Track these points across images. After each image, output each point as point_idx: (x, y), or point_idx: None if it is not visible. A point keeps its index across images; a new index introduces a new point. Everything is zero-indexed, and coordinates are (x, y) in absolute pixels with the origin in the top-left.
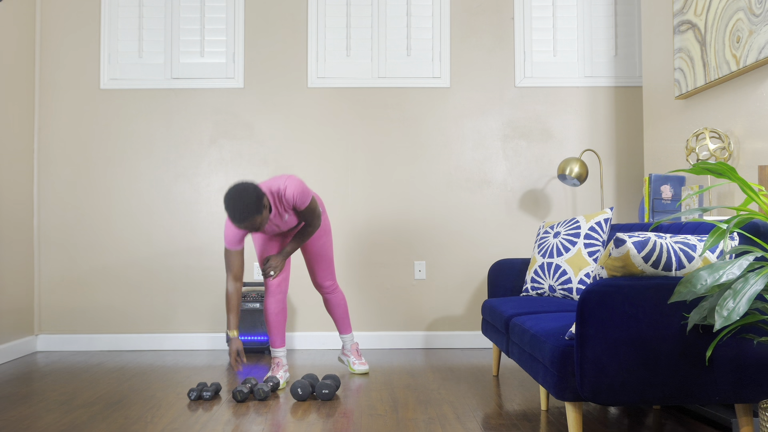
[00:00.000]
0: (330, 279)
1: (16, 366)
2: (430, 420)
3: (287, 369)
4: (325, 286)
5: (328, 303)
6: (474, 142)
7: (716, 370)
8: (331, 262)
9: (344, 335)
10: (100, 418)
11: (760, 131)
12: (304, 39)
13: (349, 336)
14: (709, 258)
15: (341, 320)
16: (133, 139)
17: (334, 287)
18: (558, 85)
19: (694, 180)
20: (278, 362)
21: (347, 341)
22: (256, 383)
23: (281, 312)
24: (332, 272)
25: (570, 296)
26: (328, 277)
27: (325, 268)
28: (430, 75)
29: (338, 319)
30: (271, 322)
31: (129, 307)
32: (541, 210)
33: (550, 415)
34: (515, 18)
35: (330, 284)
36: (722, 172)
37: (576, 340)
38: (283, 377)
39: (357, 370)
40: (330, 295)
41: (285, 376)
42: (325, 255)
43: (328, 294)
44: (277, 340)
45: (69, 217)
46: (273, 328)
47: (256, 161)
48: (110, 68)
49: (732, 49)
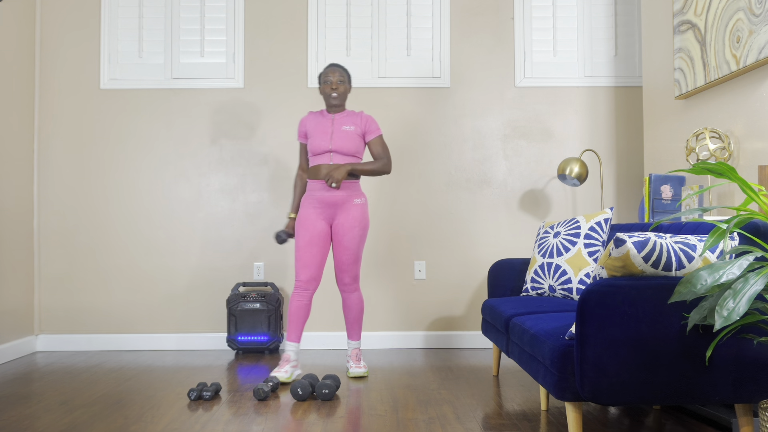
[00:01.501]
0: (350, 276)
1: (16, 366)
2: (430, 420)
3: (296, 365)
4: (344, 281)
5: (344, 303)
6: (474, 142)
7: (716, 370)
8: (357, 260)
9: (349, 341)
10: (99, 418)
11: (760, 131)
12: (304, 39)
13: (354, 343)
14: (709, 258)
15: (350, 324)
16: (133, 139)
17: (353, 287)
18: (558, 85)
19: (694, 180)
20: (286, 358)
21: (350, 347)
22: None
23: (303, 308)
24: (355, 270)
25: (570, 296)
26: (348, 272)
27: (348, 263)
28: (430, 75)
29: (348, 322)
30: (290, 315)
31: (129, 307)
32: (541, 210)
33: (550, 415)
34: (515, 18)
35: (350, 282)
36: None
37: (576, 340)
38: (288, 372)
39: (350, 373)
40: (346, 294)
41: (291, 372)
42: (351, 249)
43: (345, 293)
44: (291, 334)
45: (69, 217)
46: (291, 322)
47: (256, 161)
48: (110, 68)
49: (732, 49)
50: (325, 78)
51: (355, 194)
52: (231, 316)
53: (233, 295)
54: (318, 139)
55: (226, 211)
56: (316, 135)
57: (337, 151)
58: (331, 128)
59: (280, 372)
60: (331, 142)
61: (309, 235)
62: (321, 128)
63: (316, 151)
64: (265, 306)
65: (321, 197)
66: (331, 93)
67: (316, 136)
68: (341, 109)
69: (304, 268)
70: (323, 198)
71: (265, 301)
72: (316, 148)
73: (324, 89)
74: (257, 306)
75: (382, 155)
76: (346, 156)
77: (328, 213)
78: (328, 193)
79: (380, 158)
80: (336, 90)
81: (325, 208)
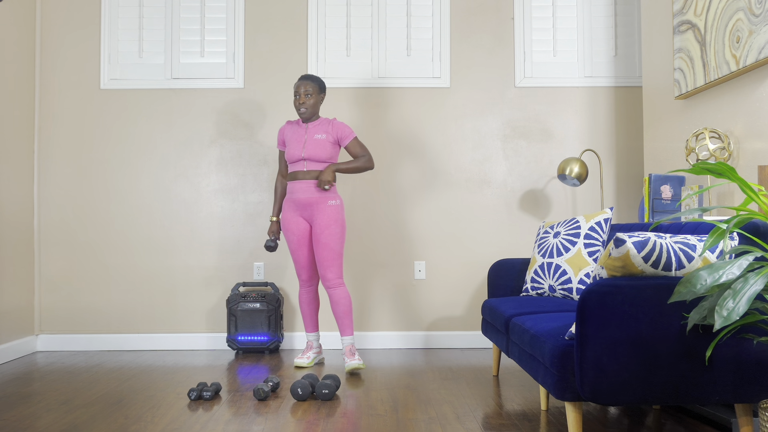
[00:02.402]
0: (332, 272)
1: (16, 366)
2: (430, 420)
3: (318, 351)
4: (326, 278)
5: (331, 300)
6: (474, 142)
7: (716, 370)
8: (336, 256)
9: (342, 337)
10: (100, 418)
11: (760, 131)
12: (304, 39)
13: (347, 338)
14: (709, 258)
15: (340, 319)
16: (133, 139)
17: (336, 283)
18: (558, 85)
19: (694, 180)
20: (310, 345)
21: (344, 344)
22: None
23: (312, 301)
24: (335, 266)
25: (570, 296)
26: (329, 269)
27: (327, 259)
28: (430, 75)
29: (338, 318)
30: (303, 310)
31: (129, 307)
32: (541, 210)
33: (550, 415)
34: (515, 18)
35: (332, 278)
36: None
37: (576, 340)
38: (311, 357)
39: (347, 367)
40: (331, 290)
41: (313, 357)
42: (329, 246)
43: (330, 288)
44: (308, 326)
45: (69, 217)
46: (305, 316)
47: (256, 161)
48: (110, 68)
49: (732, 49)
50: (296, 91)
51: (330, 196)
52: (231, 316)
53: (233, 295)
54: (292, 148)
55: (226, 211)
56: (291, 144)
57: (310, 159)
58: (304, 137)
59: (302, 359)
60: (304, 150)
61: (296, 238)
62: (296, 137)
63: (291, 159)
64: (265, 306)
65: (297, 199)
66: (300, 108)
67: (291, 145)
68: (314, 118)
69: (302, 269)
70: (299, 200)
71: (265, 301)
72: (291, 156)
73: (294, 103)
74: (257, 306)
75: (361, 154)
76: (319, 162)
77: (307, 214)
78: (304, 195)
79: (361, 156)
80: (303, 104)
81: (303, 210)
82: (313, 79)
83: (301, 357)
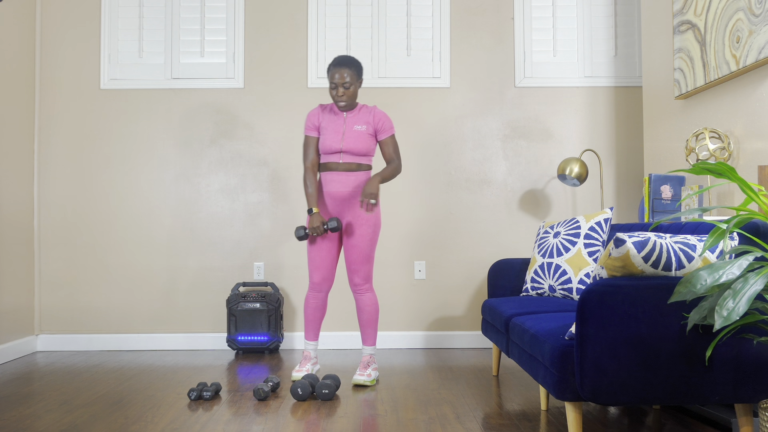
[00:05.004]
0: (359, 276)
1: (16, 366)
2: (430, 420)
3: (315, 362)
4: (353, 282)
5: (357, 305)
6: (474, 142)
7: (716, 370)
8: (366, 260)
9: (363, 346)
10: (99, 418)
11: (760, 131)
12: (304, 39)
13: (368, 348)
14: (709, 258)
15: (363, 327)
16: (133, 139)
17: (364, 288)
18: (558, 85)
19: (693, 180)
20: (307, 355)
21: (363, 352)
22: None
23: (319, 309)
24: (364, 270)
25: (570, 296)
26: (357, 272)
27: (356, 262)
28: (430, 75)
29: (361, 325)
30: (307, 315)
31: (129, 307)
32: (541, 210)
33: (550, 415)
34: (515, 18)
35: (359, 282)
36: (722, 172)
37: (576, 340)
38: (310, 370)
39: (353, 380)
40: (358, 296)
41: (311, 369)
42: (359, 247)
43: (357, 294)
44: (308, 333)
45: (69, 217)
46: (308, 322)
47: (256, 161)
48: (110, 68)
49: (732, 49)
50: (332, 80)
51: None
52: (231, 316)
53: (233, 295)
54: (329, 139)
55: (226, 211)
56: (328, 134)
57: (348, 152)
58: (343, 127)
59: (299, 372)
60: (343, 142)
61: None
62: (333, 127)
63: (326, 150)
64: (265, 306)
65: (329, 192)
66: (338, 102)
67: (328, 135)
68: (353, 106)
69: (316, 269)
70: (332, 193)
71: (265, 301)
72: (327, 147)
73: (331, 93)
74: (257, 306)
75: (393, 157)
76: (355, 156)
77: (338, 209)
78: (336, 189)
79: (392, 161)
80: (342, 97)
81: (336, 205)
82: (350, 65)
83: (299, 370)
